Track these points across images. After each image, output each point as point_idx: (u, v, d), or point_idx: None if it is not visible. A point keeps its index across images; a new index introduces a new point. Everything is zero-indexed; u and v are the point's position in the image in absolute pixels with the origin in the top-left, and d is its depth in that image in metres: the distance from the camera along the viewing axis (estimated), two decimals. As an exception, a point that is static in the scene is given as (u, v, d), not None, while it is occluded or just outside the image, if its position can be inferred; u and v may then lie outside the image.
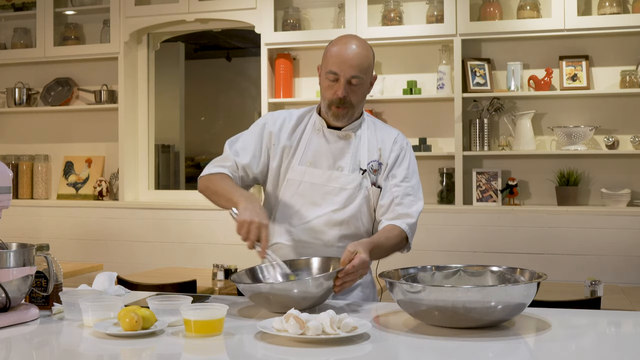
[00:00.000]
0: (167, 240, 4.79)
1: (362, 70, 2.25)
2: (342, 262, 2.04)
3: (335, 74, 2.25)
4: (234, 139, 2.43)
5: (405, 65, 4.65)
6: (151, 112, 5.19)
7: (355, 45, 2.27)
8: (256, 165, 2.38)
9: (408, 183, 2.35)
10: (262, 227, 2.05)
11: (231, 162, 2.37)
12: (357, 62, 2.24)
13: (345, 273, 2.01)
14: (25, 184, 5.27)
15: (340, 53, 2.25)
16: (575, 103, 4.40)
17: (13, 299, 1.87)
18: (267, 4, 4.65)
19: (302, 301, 1.95)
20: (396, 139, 2.39)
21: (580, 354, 1.70)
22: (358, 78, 2.25)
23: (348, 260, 2.04)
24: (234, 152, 2.38)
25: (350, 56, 2.24)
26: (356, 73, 2.24)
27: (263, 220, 2.06)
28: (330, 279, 1.99)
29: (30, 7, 5.22)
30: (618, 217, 4.10)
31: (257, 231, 2.05)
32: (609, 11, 4.23)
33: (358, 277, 2.05)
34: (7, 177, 2.01)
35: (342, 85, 2.25)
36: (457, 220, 4.32)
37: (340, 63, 2.24)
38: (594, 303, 2.67)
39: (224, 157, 2.39)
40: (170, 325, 1.82)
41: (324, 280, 1.97)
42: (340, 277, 2.01)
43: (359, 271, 2.04)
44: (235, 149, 2.39)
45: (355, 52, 2.25)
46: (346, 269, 2.01)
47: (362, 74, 2.26)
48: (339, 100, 2.26)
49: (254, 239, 2.05)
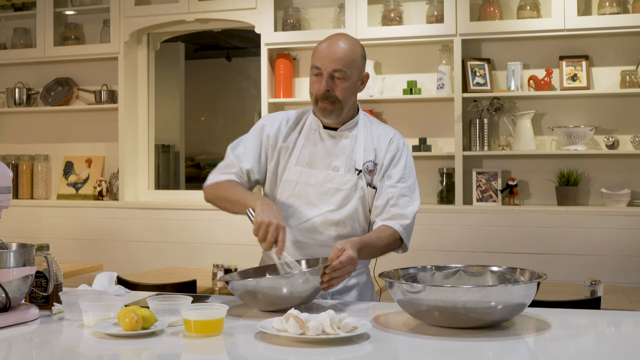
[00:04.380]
0: (167, 240, 4.79)
1: (345, 64, 2.26)
2: (330, 259, 2.06)
3: (318, 69, 2.28)
4: (235, 143, 2.44)
5: (405, 65, 4.65)
6: (151, 112, 5.19)
7: (341, 41, 2.29)
8: (258, 170, 2.40)
9: (404, 184, 2.35)
10: (280, 228, 2.07)
11: (236, 168, 2.38)
12: (338, 56, 2.26)
13: (332, 269, 2.02)
14: (25, 184, 5.27)
15: (323, 48, 2.29)
16: (575, 103, 4.40)
17: (13, 299, 1.87)
18: (267, 4, 4.65)
19: (290, 298, 1.95)
20: (392, 139, 2.39)
21: (580, 354, 1.70)
22: (340, 72, 2.26)
23: (336, 257, 2.05)
24: (237, 157, 2.39)
25: (333, 51, 2.27)
26: (338, 66, 2.25)
27: (281, 222, 2.08)
28: (317, 275, 2.00)
29: (30, 7, 5.22)
30: (618, 217, 4.10)
31: (275, 232, 2.06)
32: (609, 11, 4.23)
33: (346, 273, 2.06)
34: (7, 177, 2.01)
35: (324, 79, 2.26)
36: (457, 220, 4.32)
37: (322, 57, 2.27)
38: (594, 303, 2.67)
39: (228, 163, 2.40)
40: (170, 325, 1.82)
41: (311, 276, 1.98)
42: (328, 273, 2.02)
43: (347, 267, 2.05)
44: (237, 154, 2.40)
45: (338, 47, 2.27)
46: (333, 265, 2.02)
47: (344, 68, 2.26)
48: (323, 94, 2.28)
49: (272, 240, 2.06)
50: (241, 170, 2.37)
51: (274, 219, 2.07)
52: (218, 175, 2.38)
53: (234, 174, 2.36)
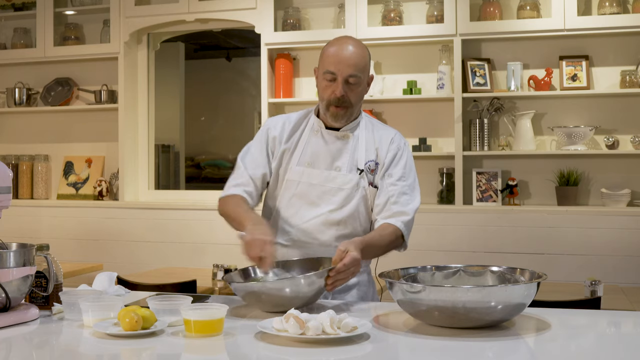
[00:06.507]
0: (167, 240, 4.79)
1: (359, 69, 2.28)
2: (334, 261, 2.05)
3: (332, 74, 2.27)
4: (244, 152, 2.46)
5: (405, 65, 4.65)
6: (151, 112, 5.19)
7: (351, 45, 2.30)
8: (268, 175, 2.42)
9: (404, 182, 2.36)
10: (266, 243, 2.06)
11: (246, 178, 2.40)
12: (353, 61, 2.27)
13: (336, 272, 2.02)
14: (25, 184, 5.27)
15: (337, 53, 2.28)
16: (575, 103, 4.40)
17: (13, 299, 1.87)
18: (267, 4, 4.65)
19: (294, 300, 1.95)
20: (393, 138, 2.41)
21: (580, 354, 1.70)
22: (355, 77, 2.28)
23: (339, 259, 2.04)
24: (246, 166, 2.41)
25: (347, 55, 2.27)
26: (353, 72, 2.27)
27: (267, 237, 2.08)
28: (322, 277, 2.00)
29: (30, 7, 5.22)
30: (618, 217, 4.10)
31: (261, 247, 2.05)
32: (609, 11, 4.23)
33: (350, 275, 2.06)
34: (7, 177, 2.01)
35: (340, 85, 2.27)
36: (457, 220, 4.32)
37: (337, 62, 2.27)
38: (594, 303, 2.67)
39: (238, 174, 2.42)
40: (170, 325, 1.82)
41: (316, 279, 1.98)
42: (332, 276, 2.02)
43: (351, 269, 2.05)
44: (246, 163, 2.42)
45: (352, 52, 2.28)
46: (337, 268, 2.02)
47: (359, 73, 2.28)
48: (338, 99, 2.29)
49: (258, 254, 2.05)
50: (251, 179, 2.39)
51: (259, 236, 2.07)
52: (229, 188, 2.41)
53: (241, 187, 2.38)
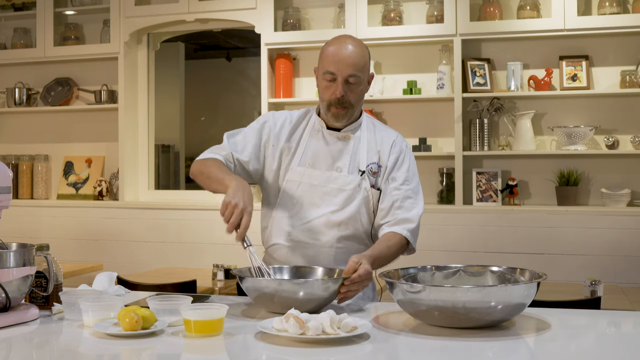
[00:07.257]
0: (167, 240, 4.79)
1: (359, 68, 2.26)
2: (347, 271, 2.05)
3: (332, 74, 2.26)
4: (233, 132, 2.43)
5: (405, 65, 4.65)
6: (151, 112, 5.19)
7: (351, 44, 2.28)
8: (254, 163, 2.38)
9: (408, 186, 2.35)
10: (245, 212, 2.04)
11: (227, 151, 2.36)
12: (353, 61, 2.25)
13: (351, 281, 2.02)
14: (25, 184, 5.27)
15: (336, 53, 2.26)
16: (575, 103, 4.40)
17: (13, 299, 1.87)
18: (267, 4, 4.65)
19: (306, 303, 1.94)
20: (395, 141, 2.40)
21: (580, 354, 1.70)
22: (355, 77, 2.26)
23: (352, 270, 2.04)
24: (232, 144, 2.38)
25: (346, 55, 2.25)
26: (353, 72, 2.25)
27: (248, 207, 2.05)
28: (337, 284, 1.99)
29: (30, 7, 5.22)
30: (618, 217, 4.10)
31: (239, 216, 2.03)
32: (609, 11, 4.23)
33: (362, 287, 2.07)
34: (7, 177, 2.01)
35: (340, 85, 2.26)
36: (457, 220, 4.32)
37: (336, 62, 2.25)
38: (594, 303, 2.67)
39: (221, 146, 2.39)
40: (170, 325, 1.82)
41: (332, 284, 1.98)
42: (347, 285, 2.01)
43: (364, 282, 2.05)
44: (233, 142, 2.38)
45: (351, 51, 2.26)
46: (352, 277, 2.02)
47: (359, 73, 2.26)
48: (338, 100, 2.27)
49: (235, 222, 2.03)
50: (232, 155, 2.35)
51: (240, 202, 2.04)
52: (207, 153, 2.37)
53: (222, 156, 2.34)
